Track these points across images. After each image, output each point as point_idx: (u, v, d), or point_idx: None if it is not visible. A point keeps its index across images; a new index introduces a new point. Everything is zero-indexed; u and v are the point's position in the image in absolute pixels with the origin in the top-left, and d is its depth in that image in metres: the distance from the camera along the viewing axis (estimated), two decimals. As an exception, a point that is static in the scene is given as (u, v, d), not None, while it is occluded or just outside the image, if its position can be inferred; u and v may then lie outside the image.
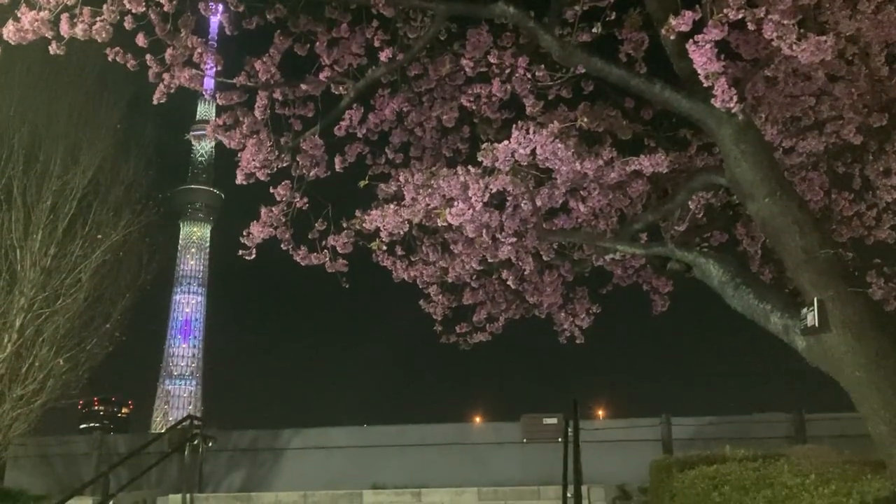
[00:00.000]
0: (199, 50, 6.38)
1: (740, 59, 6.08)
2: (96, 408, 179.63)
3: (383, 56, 6.29)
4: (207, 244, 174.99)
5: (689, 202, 6.65)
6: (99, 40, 5.08)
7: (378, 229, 6.81)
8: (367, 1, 6.27)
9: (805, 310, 4.99)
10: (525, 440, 14.12)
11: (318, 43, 6.82)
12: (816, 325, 4.84)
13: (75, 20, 5.10)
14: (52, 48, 5.16)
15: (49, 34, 4.94)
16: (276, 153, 7.15)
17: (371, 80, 6.67)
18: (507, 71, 6.19)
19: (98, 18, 4.97)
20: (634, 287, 8.54)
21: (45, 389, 10.93)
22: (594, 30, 5.41)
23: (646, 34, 6.27)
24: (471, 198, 5.44)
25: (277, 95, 7.02)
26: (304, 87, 6.95)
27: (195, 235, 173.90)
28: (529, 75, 6.04)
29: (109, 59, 5.82)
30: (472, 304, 8.57)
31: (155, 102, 6.55)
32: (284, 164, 7.25)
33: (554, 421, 13.86)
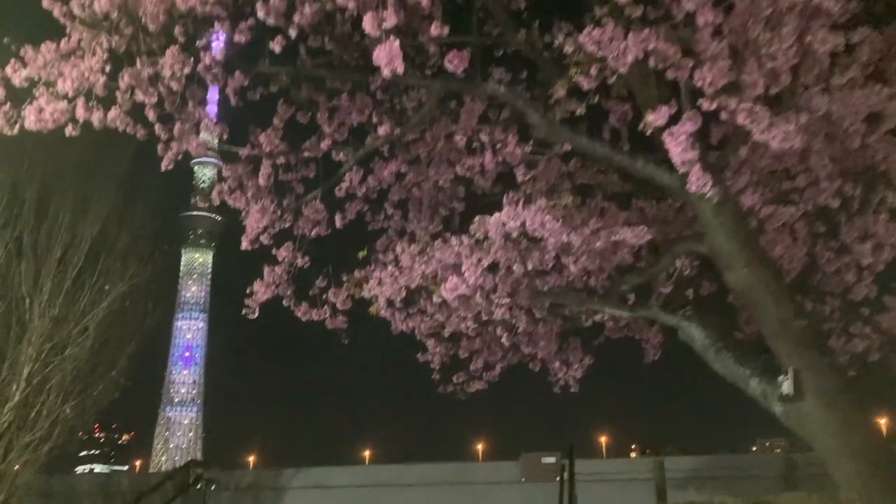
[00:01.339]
0: (205, 121, 6.71)
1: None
2: (97, 435, 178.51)
3: (381, 131, 6.61)
4: (209, 270, 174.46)
5: (677, 260, 6.94)
6: (113, 127, 5.41)
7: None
8: (366, 78, 6.59)
9: (782, 377, 5.25)
10: (524, 479, 14.28)
11: (319, 113, 7.15)
12: (791, 393, 5.10)
13: (90, 104, 5.44)
14: (68, 130, 5.49)
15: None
16: (279, 213, 7.46)
17: (370, 150, 6.99)
18: (498, 146, 6.51)
19: (113, 108, 5.31)
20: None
21: (51, 437, 11.17)
22: (578, 112, 5.71)
23: (629, 106, 6.61)
24: (464, 272, 5.73)
25: (280, 160, 7.33)
26: (306, 154, 7.30)
27: (197, 262, 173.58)
28: (519, 150, 6.36)
29: (119, 129, 6.12)
30: (468, 353, 8.83)
31: (162, 170, 6.87)
32: (286, 225, 7.57)
33: (552, 460, 14.02)
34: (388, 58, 4.33)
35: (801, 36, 5.32)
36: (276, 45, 5.63)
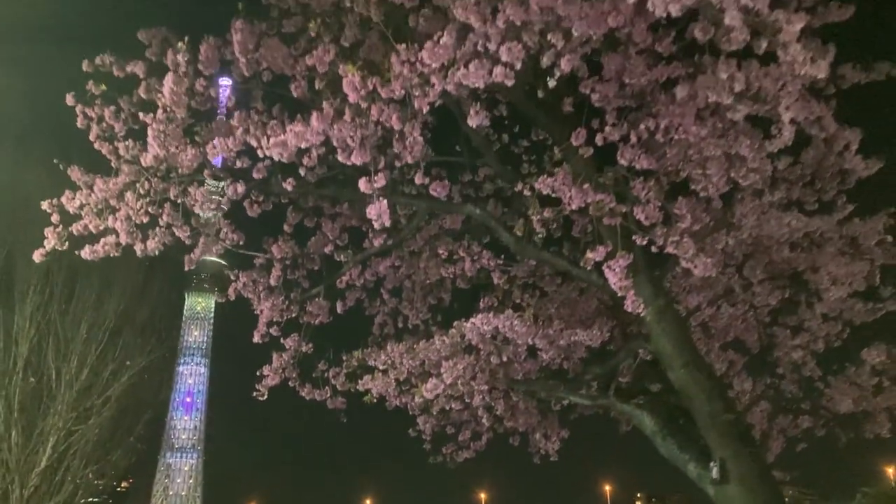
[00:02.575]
0: (226, 230, 7.77)
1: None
2: (95, 482, 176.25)
3: (376, 242, 7.67)
4: (212, 315, 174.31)
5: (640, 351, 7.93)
6: (152, 254, 6.49)
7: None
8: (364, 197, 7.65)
9: (712, 463, 6.20)
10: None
11: (323, 220, 8.22)
12: (718, 478, 6.05)
13: (132, 231, 6.53)
14: (112, 253, 6.57)
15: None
16: (287, 305, 8.48)
17: (367, 256, 8.04)
18: (475, 257, 7.58)
19: (151, 239, 6.39)
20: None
21: (74, 500, 12.01)
22: (538, 235, 6.72)
23: (590, 220, 7.67)
24: (442, 374, 6.72)
25: (288, 261, 8.38)
26: (311, 253, 8.37)
27: (199, 306, 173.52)
28: (493, 263, 7.42)
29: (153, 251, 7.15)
30: (455, 428, 9.74)
31: (186, 269, 7.94)
32: (293, 315, 8.58)
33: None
34: (377, 213, 5.41)
35: (728, 171, 6.40)
36: (288, 185, 6.69)
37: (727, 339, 8.73)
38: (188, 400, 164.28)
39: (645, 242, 5.89)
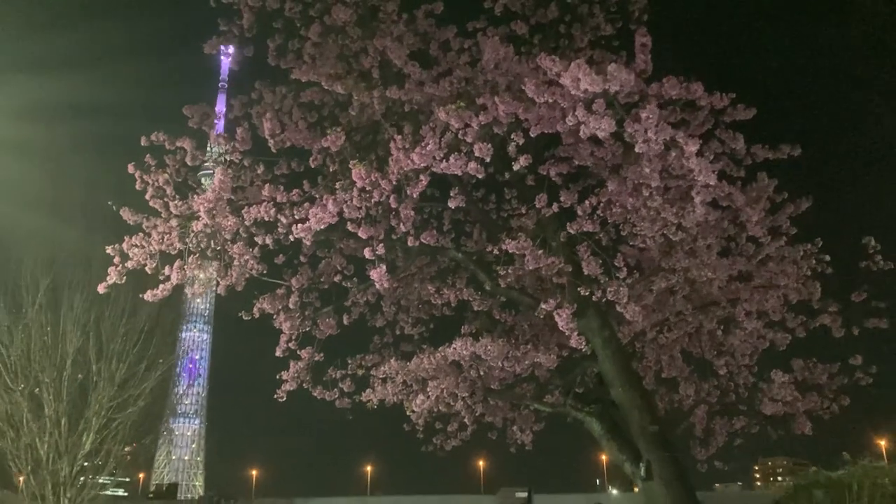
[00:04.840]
0: (251, 262, 9.33)
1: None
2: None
3: (377, 283, 9.24)
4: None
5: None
6: (198, 296, 8.08)
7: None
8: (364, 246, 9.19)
9: (641, 464, 7.89)
10: (499, 510, 16.78)
11: (334, 255, 9.80)
12: (644, 476, 7.74)
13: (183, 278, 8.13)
14: (167, 293, 8.18)
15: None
16: (301, 320, 10.09)
17: (369, 285, 9.64)
18: (458, 293, 9.19)
19: (197, 283, 7.99)
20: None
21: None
22: (507, 275, 8.30)
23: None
24: (428, 391, 8.37)
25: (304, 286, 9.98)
26: (322, 279, 9.98)
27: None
28: (472, 297, 9.04)
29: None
30: (445, 419, 11.40)
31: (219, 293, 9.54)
32: (307, 329, 10.20)
33: (524, 494, 16.58)
34: (378, 277, 7.01)
35: (662, 229, 7.98)
36: (307, 241, 8.26)
37: (674, 351, 10.36)
38: (191, 366, 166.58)
39: (588, 293, 7.50)
